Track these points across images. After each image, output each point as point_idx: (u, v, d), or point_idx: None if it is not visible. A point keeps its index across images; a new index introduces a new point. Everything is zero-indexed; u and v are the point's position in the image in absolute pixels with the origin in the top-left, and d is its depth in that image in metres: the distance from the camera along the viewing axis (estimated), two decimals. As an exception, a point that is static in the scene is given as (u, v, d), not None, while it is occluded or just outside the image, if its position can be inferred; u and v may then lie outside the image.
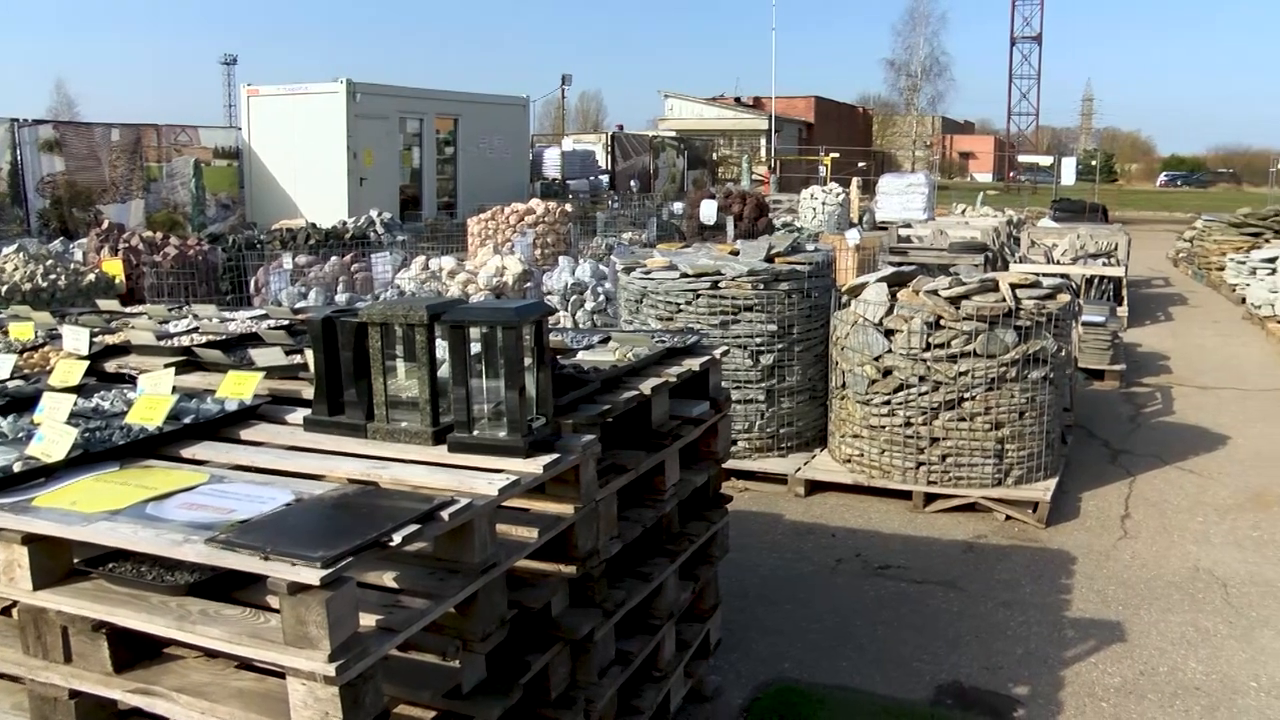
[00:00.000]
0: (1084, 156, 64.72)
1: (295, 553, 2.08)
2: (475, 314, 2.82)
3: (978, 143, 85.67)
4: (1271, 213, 20.42)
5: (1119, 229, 18.46)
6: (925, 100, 69.75)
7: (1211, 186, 75.15)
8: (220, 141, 23.89)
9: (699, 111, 54.98)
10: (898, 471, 6.76)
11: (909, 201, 23.22)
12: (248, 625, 2.25)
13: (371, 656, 2.18)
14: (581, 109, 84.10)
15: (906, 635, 5.06)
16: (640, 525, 3.51)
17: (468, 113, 26.10)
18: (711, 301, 7.03)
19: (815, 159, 45.06)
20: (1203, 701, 4.50)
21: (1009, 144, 74.56)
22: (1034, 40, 73.77)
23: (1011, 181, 63.91)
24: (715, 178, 39.69)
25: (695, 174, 37.30)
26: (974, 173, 78.81)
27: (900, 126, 70.68)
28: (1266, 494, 7.25)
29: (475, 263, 11.78)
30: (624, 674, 3.49)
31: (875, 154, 57.36)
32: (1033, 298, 6.72)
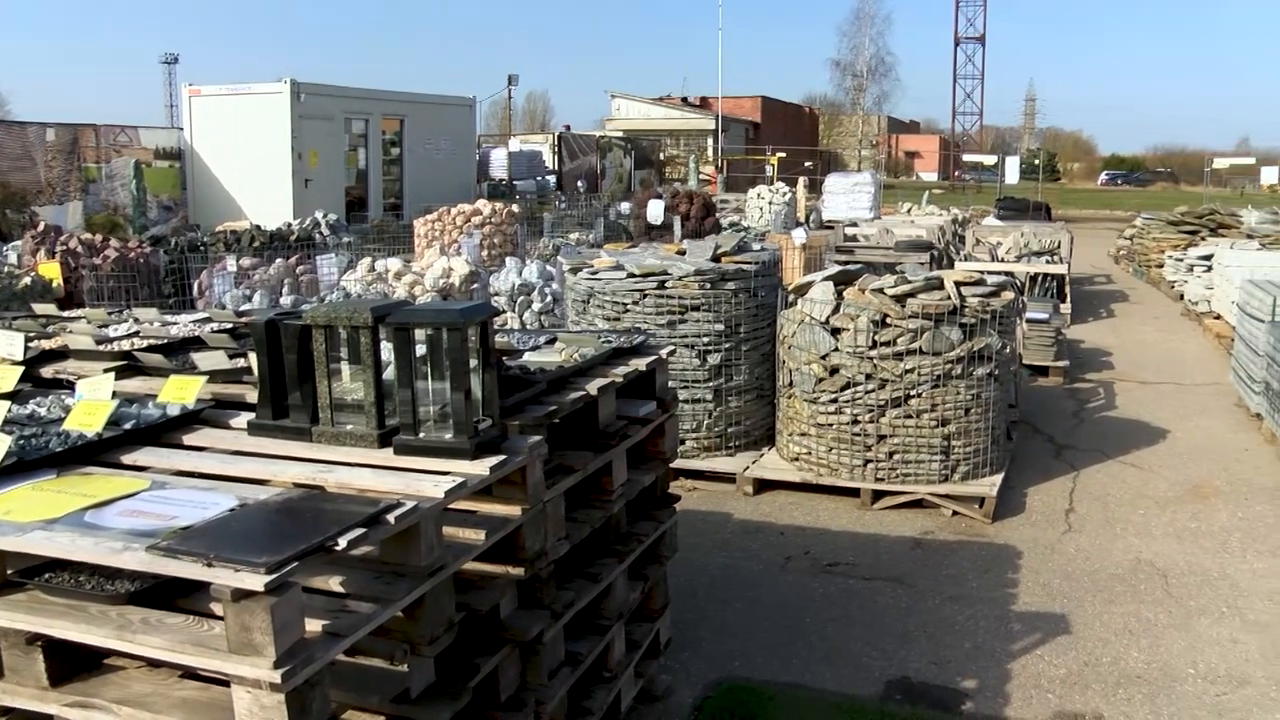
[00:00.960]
0: (1027, 156, 65.43)
1: (239, 559, 2.05)
2: (420, 316, 2.80)
3: (923, 142, 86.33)
4: (1207, 211, 20.79)
5: (1062, 227, 18.67)
6: (871, 100, 70.29)
7: (1150, 185, 76.21)
8: (162, 142, 23.56)
9: (646, 111, 54.99)
10: (845, 469, 6.80)
11: (855, 200, 23.38)
12: (191, 633, 2.22)
13: (318, 662, 2.16)
14: (528, 109, 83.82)
15: (856, 632, 5.09)
16: (588, 526, 3.51)
17: (414, 113, 25.94)
18: (658, 301, 7.04)
19: (762, 159, 45.19)
20: (1144, 690, 4.58)
21: (954, 143, 75.29)
22: (978, 41, 74.55)
23: (956, 180, 64.50)
24: (662, 178, 39.74)
25: (642, 174, 37.35)
26: (919, 172, 79.42)
27: (846, 126, 71.12)
28: (1205, 486, 7.38)
29: (422, 264, 11.71)
30: (574, 675, 3.48)
31: (822, 153, 57.66)
32: (977, 295, 6.79)
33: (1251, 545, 6.28)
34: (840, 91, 71.41)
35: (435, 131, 26.76)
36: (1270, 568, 5.95)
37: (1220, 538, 6.40)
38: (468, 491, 2.68)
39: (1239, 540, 6.36)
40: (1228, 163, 46.03)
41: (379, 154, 25.26)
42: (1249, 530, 6.52)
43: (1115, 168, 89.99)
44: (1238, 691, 4.58)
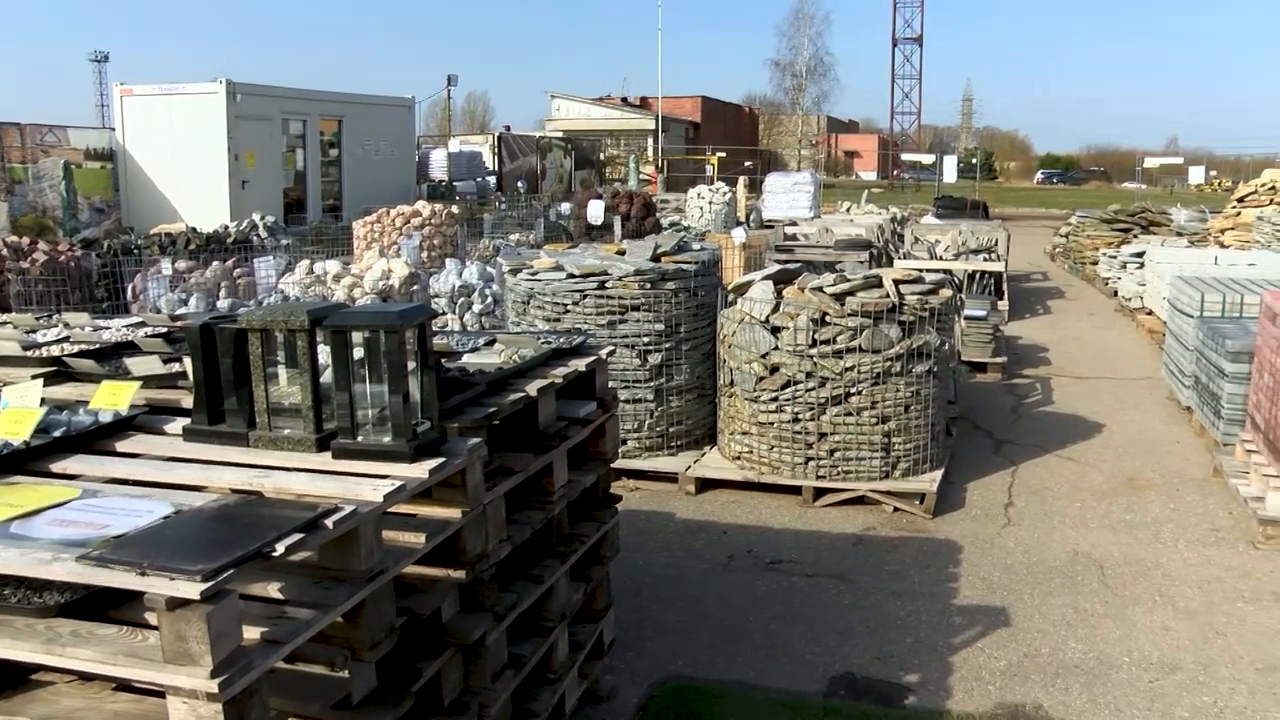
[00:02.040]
0: (965, 155, 66.24)
1: (174, 567, 2.02)
2: (357, 318, 2.78)
3: (862, 141, 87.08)
4: (1138, 210, 21.16)
5: (999, 225, 18.92)
6: (810, 100, 70.84)
7: (1085, 184, 77.52)
8: (92, 143, 23.11)
9: (586, 112, 54.93)
10: (787, 467, 6.84)
11: (795, 200, 23.49)
12: (124, 644, 2.17)
13: (256, 670, 2.13)
14: (468, 110, 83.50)
15: (799, 628, 5.13)
16: (530, 527, 3.50)
17: (352, 114, 25.68)
18: (598, 302, 7.03)
19: (702, 158, 45.40)
20: (1081, 679, 4.66)
21: (892, 143, 76.05)
22: (915, 41, 75.47)
23: (895, 179, 65.10)
24: (603, 178, 39.70)
25: (583, 174, 37.27)
26: (859, 171, 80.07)
27: (786, 126, 71.58)
28: (1139, 478, 7.51)
29: (361, 266, 11.61)
30: (517, 677, 3.47)
31: (762, 153, 57.98)
32: (916, 293, 6.85)
33: (1182, 535, 6.41)
34: (780, 91, 71.97)
35: (374, 132, 26.52)
36: (1200, 556, 6.07)
37: (1153, 529, 6.52)
38: (407, 495, 2.66)
39: (1171, 530, 6.48)
40: (1158, 162, 46.89)
41: (317, 155, 24.98)
42: (1180, 520, 6.66)
43: (1050, 167, 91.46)
44: (1169, 677, 4.69)
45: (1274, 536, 6.23)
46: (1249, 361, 7.47)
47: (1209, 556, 6.09)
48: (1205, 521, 6.65)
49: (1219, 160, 79.11)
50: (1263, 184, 20.56)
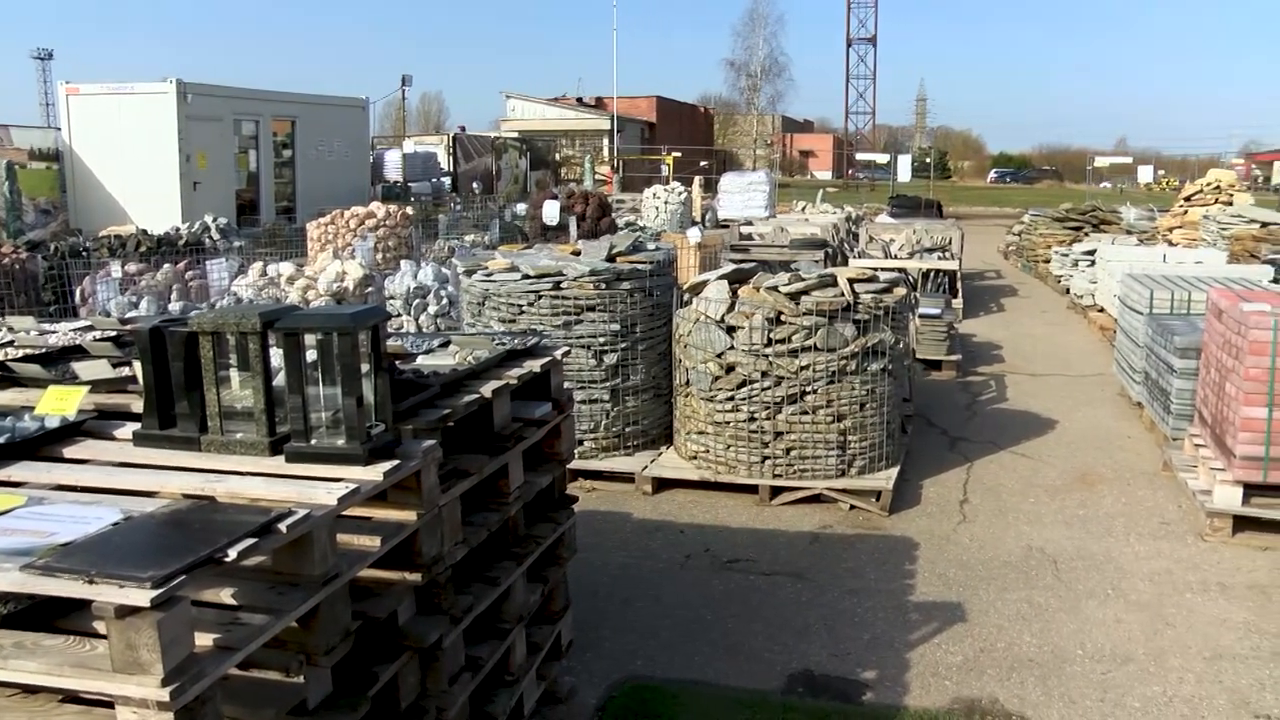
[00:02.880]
0: (919, 154, 66.68)
1: (123, 574, 1.99)
2: (310, 320, 2.76)
3: (817, 141, 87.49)
4: (1090, 208, 21.41)
5: (953, 224, 19.10)
6: (765, 100, 71.15)
7: (1037, 183, 78.34)
8: (37, 143, 22.79)
9: (541, 112, 54.83)
10: (743, 466, 6.86)
11: (750, 199, 23.59)
12: (71, 655, 2.13)
13: (209, 678, 2.11)
14: (422, 110, 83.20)
15: (756, 627, 5.14)
16: (485, 529, 3.48)
17: (305, 114, 25.50)
18: (554, 302, 7.02)
19: (657, 158, 45.43)
20: (1036, 672, 4.72)
21: (847, 142, 76.49)
22: (869, 42, 75.90)
23: (850, 179, 65.56)
24: (558, 178, 39.66)
25: (538, 175, 37.24)
26: (814, 170, 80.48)
27: (741, 126, 71.83)
28: (1091, 474, 7.60)
29: (315, 268, 11.51)
30: (475, 680, 3.46)
31: (717, 153, 58.07)
32: (870, 292, 6.89)
33: (1134, 529, 6.49)
34: (735, 91, 72.26)
35: (328, 133, 26.35)
36: (1150, 550, 6.16)
37: (1105, 523, 6.60)
38: (361, 498, 2.65)
39: (1123, 525, 6.57)
40: (1108, 162, 47.46)
41: (270, 156, 24.78)
42: (1131, 515, 6.74)
43: (1003, 166, 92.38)
44: (1121, 668, 4.75)
45: (1221, 529, 6.33)
46: (1196, 358, 7.58)
47: (1159, 549, 6.17)
48: (1155, 515, 6.74)
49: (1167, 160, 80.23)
50: (1208, 184, 20.88)
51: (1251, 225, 16.24)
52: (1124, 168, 51.94)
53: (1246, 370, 6.17)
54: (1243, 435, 6.24)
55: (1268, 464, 6.24)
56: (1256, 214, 17.05)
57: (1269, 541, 6.24)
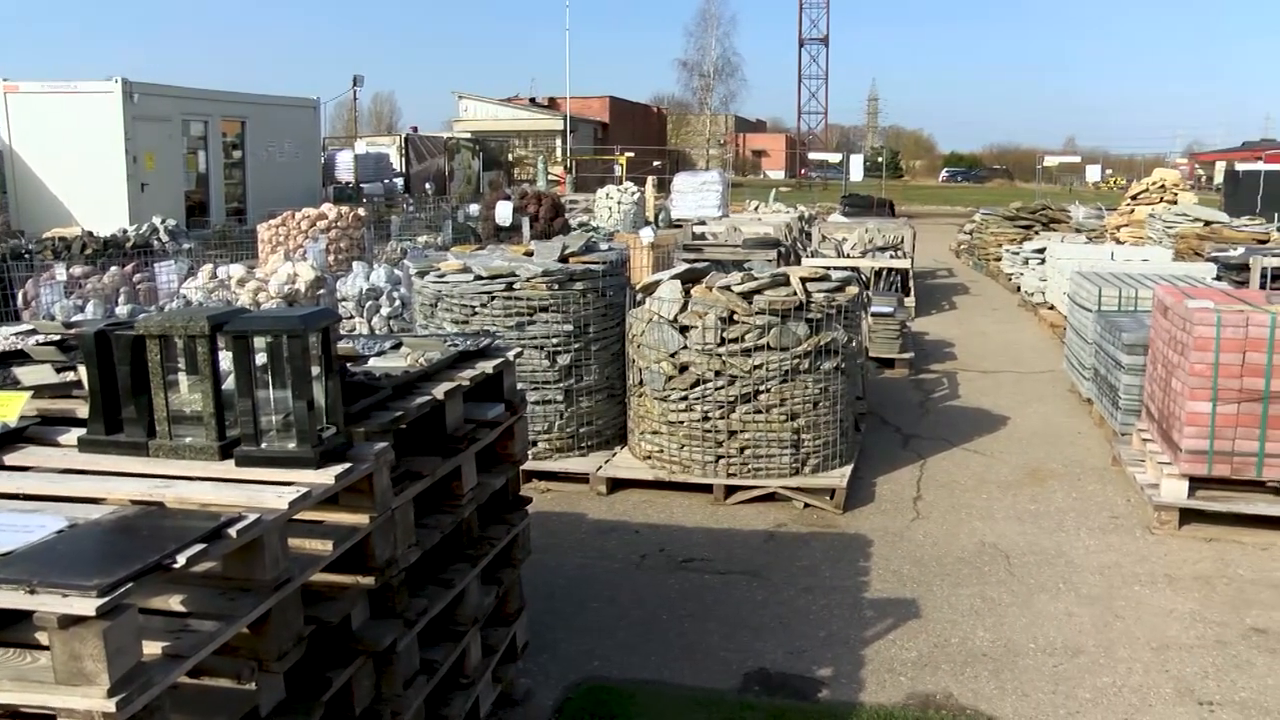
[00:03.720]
0: (871, 154, 67.15)
1: (67, 583, 1.96)
2: (259, 323, 2.73)
3: (770, 141, 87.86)
4: (1040, 206, 21.67)
5: (905, 223, 19.27)
6: (718, 100, 71.32)
7: (988, 182, 79.14)
8: (-27, 142, 22.31)
9: (494, 112, 54.66)
10: (698, 465, 6.87)
11: (704, 199, 23.64)
12: (10, 668, 2.09)
13: (157, 687, 2.07)
14: (374, 110, 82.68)
15: (712, 626, 5.15)
16: (439, 531, 3.47)
17: (255, 115, 25.22)
18: (507, 303, 7.00)
19: (611, 158, 45.42)
20: (990, 666, 4.76)
21: (800, 142, 76.91)
22: (821, 42, 76.42)
23: (803, 178, 65.78)
24: (511, 179, 39.52)
25: (491, 175, 37.06)
26: (767, 170, 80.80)
27: (694, 126, 71.97)
28: (1042, 469, 7.69)
29: (266, 270, 11.42)
30: (430, 683, 3.44)
31: (670, 153, 58.13)
32: (823, 290, 6.93)
33: (1084, 523, 6.57)
34: (688, 91, 72.41)
35: (278, 134, 26.08)
36: (1100, 544, 6.24)
37: (1057, 518, 6.68)
38: (313, 501, 2.63)
39: (1073, 519, 6.65)
40: (1057, 161, 48.03)
41: (220, 157, 24.47)
42: (1082, 509, 6.83)
43: (955, 165, 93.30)
44: (1073, 660, 4.82)
45: (1168, 522, 6.42)
46: (1144, 354, 7.68)
47: (1109, 543, 6.25)
48: (1105, 509, 6.83)
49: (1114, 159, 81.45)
50: (1154, 182, 21.19)
51: (1195, 224, 16.50)
52: (1073, 167, 52.65)
53: (1191, 366, 6.26)
54: (1188, 430, 6.33)
55: (1212, 458, 6.34)
56: (1200, 213, 17.34)
57: (1214, 533, 6.35)
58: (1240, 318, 6.19)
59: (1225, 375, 6.22)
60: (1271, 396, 6.18)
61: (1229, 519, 6.42)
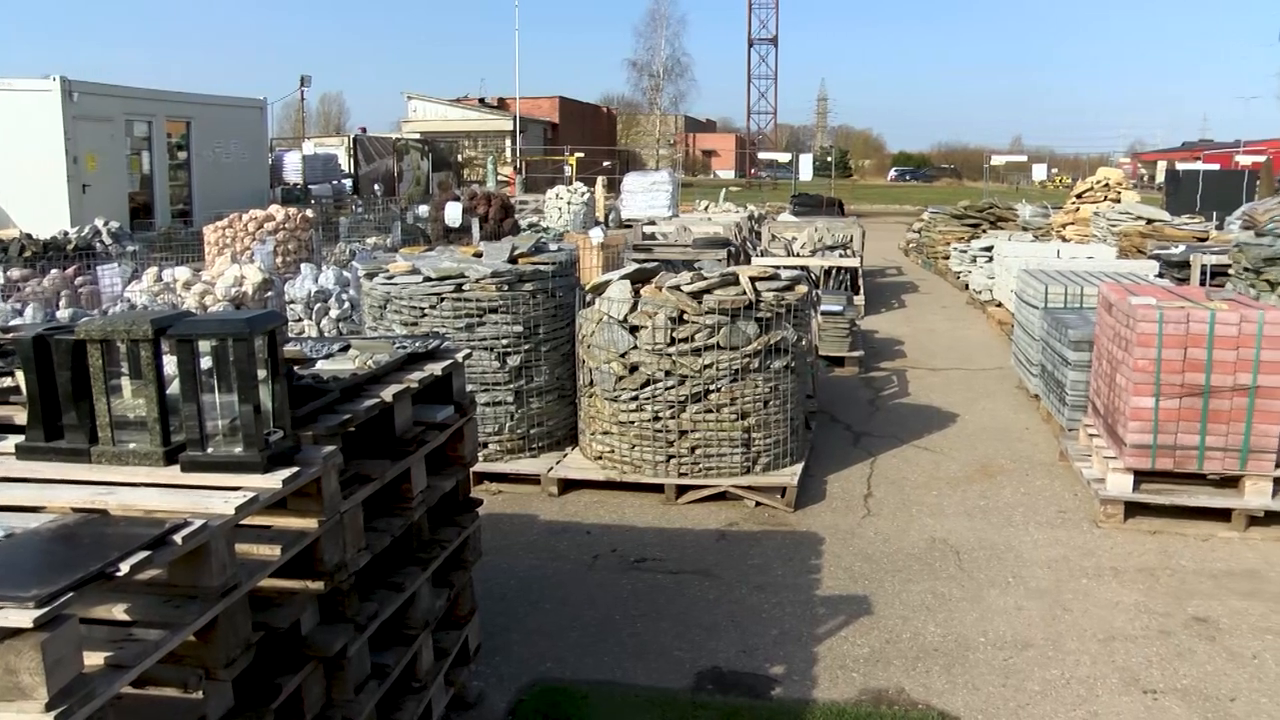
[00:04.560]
0: (820, 153, 67.55)
1: (3, 594, 1.91)
2: (203, 327, 2.70)
3: (720, 141, 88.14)
4: (987, 205, 21.89)
5: (854, 222, 19.39)
6: (668, 100, 71.47)
7: (936, 181, 79.92)
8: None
9: (443, 113, 54.43)
10: (649, 465, 6.87)
11: (653, 199, 23.69)
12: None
13: (98, 699, 2.03)
14: (322, 111, 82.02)
15: (665, 625, 5.16)
16: (389, 535, 3.45)
17: (201, 115, 24.92)
18: (456, 305, 6.96)
19: (560, 159, 45.35)
20: (941, 661, 4.80)
21: (749, 142, 77.26)
22: (770, 42, 76.85)
23: (753, 178, 66.11)
24: (460, 179, 39.37)
25: (440, 176, 36.89)
26: (717, 170, 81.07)
27: (644, 126, 72.06)
28: (991, 465, 7.76)
29: (212, 273, 11.30)
30: (382, 688, 3.41)
31: (620, 153, 58.15)
32: (772, 290, 6.95)
33: (1032, 518, 6.64)
34: (637, 92, 72.51)
35: (224, 134, 25.79)
36: (1048, 538, 6.31)
37: (1006, 513, 6.74)
38: (260, 506, 2.60)
39: (1022, 514, 6.72)
40: (1004, 160, 48.60)
41: (164, 158, 24.15)
42: (1030, 504, 6.90)
43: (903, 164, 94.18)
44: (1022, 654, 4.87)
45: (1114, 515, 6.51)
46: (1089, 350, 7.78)
47: (1057, 537, 6.33)
48: (1053, 504, 6.91)
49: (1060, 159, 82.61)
50: (1098, 181, 21.50)
51: (1138, 222, 16.77)
52: (1019, 166, 53.34)
53: (1135, 362, 6.35)
54: (1132, 424, 6.42)
55: (1155, 452, 6.44)
56: (1143, 211, 17.62)
57: (1157, 525, 6.45)
58: (1181, 314, 6.29)
59: (1167, 371, 6.31)
60: (1211, 391, 6.28)
61: (1172, 511, 6.52)
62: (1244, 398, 6.26)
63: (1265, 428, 6.30)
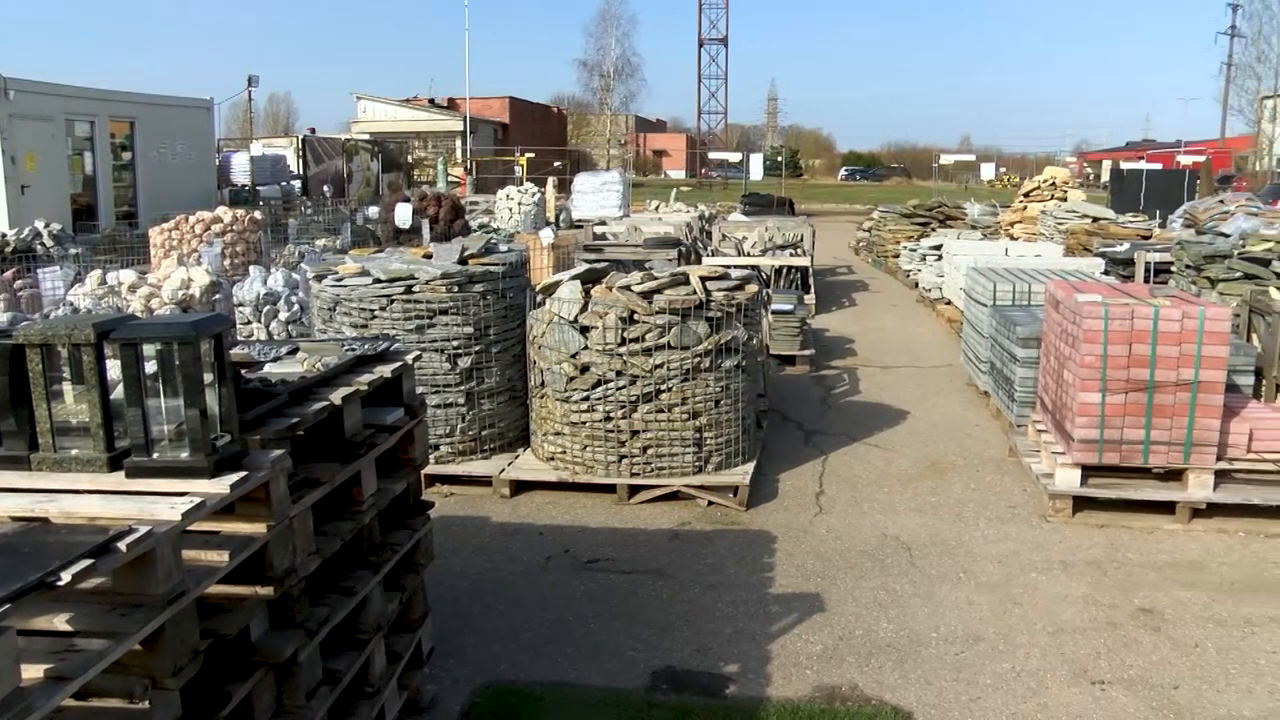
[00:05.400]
0: (770, 153, 67.80)
1: (-60, 604, 1.88)
2: (148, 330, 2.66)
3: (670, 141, 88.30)
4: (936, 204, 22.10)
5: (804, 221, 19.51)
6: (618, 100, 71.41)
7: (886, 180, 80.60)
8: None
9: (393, 113, 54.11)
10: (601, 466, 6.86)
11: (604, 199, 23.69)
12: None
13: (38, 712, 1.99)
14: (270, 112, 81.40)
15: (619, 626, 5.15)
16: (339, 539, 3.42)
17: (145, 115, 24.57)
18: (406, 306, 6.92)
19: (511, 159, 45.22)
20: (894, 657, 4.84)
21: (700, 141, 77.40)
22: (720, 42, 77.05)
23: (703, 178, 66.32)
24: (411, 180, 39.13)
25: (390, 177, 36.61)
26: (667, 170, 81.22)
27: (595, 126, 71.99)
28: (942, 462, 7.83)
29: (159, 275, 11.14)
30: (334, 694, 3.38)
31: (571, 153, 58.04)
32: (723, 289, 6.96)
33: (983, 513, 6.71)
34: (588, 92, 72.43)
35: (170, 135, 25.44)
36: (998, 533, 6.37)
37: (956, 509, 6.80)
38: (207, 512, 2.57)
39: (972, 510, 6.78)
40: (953, 159, 49.08)
41: (108, 158, 23.77)
42: (981, 500, 6.97)
43: (853, 164, 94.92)
44: (973, 648, 4.92)
45: (1062, 509, 6.58)
46: (1037, 347, 7.87)
47: (1006, 532, 6.39)
48: (1003, 499, 6.98)
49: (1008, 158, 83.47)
50: (1045, 180, 21.76)
51: (1084, 220, 16.99)
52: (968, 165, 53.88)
53: (1082, 358, 6.43)
54: (1080, 420, 6.50)
55: (1102, 446, 6.52)
56: (1089, 210, 17.86)
57: (1104, 519, 6.53)
58: (1126, 311, 6.37)
59: (1113, 366, 6.39)
60: (1156, 386, 6.37)
61: (1119, 505, 6.61)
62: (1187, 392, 6.35)
63: (1207, 421, 6.40)
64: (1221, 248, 10.20)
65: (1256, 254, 9.62)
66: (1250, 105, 57.78)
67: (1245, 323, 8.52)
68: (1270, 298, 8.25)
